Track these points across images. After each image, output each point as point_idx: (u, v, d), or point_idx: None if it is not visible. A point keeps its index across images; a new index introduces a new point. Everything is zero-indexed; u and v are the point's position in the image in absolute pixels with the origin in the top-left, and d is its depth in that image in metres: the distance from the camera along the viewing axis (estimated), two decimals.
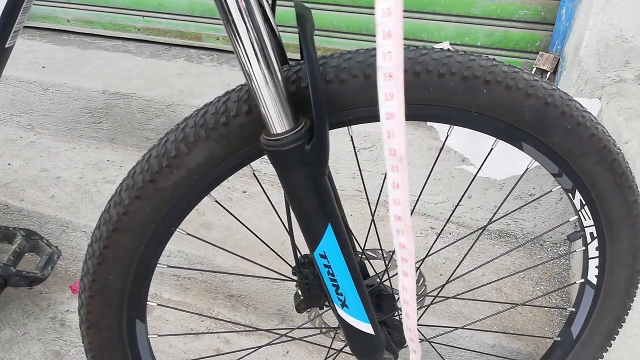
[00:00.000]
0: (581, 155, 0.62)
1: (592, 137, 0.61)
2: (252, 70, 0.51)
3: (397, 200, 0.48)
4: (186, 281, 1.38)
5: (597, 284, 0.76)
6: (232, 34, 0.50)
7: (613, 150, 0.63)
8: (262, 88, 0.52)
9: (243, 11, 0.48)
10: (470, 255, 1.32)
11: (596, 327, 0.79)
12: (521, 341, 1.11)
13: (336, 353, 0.95)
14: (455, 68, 0.56)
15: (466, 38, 1.49)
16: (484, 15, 1.43)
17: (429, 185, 1.39)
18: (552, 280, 1.25)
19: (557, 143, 0.62)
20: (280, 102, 0.52)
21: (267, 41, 0.50)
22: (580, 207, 0.70)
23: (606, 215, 0.68)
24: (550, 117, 0.59)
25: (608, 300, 0.76)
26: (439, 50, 0.58)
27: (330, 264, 0.61)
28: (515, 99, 0.58)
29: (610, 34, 1.13)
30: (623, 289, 0.74)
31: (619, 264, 0.72)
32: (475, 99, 0.58)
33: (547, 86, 0.59)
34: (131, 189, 0.62)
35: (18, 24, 0.59)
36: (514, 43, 1.45)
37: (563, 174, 0.66)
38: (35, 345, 1.26)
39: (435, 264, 1.29)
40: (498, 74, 0.57)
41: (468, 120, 0.60)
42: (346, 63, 0.57)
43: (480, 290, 1.21)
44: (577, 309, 0.81)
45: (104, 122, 1.72)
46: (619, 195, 0.66)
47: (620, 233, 0.69)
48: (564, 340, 0.84)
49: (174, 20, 1.87)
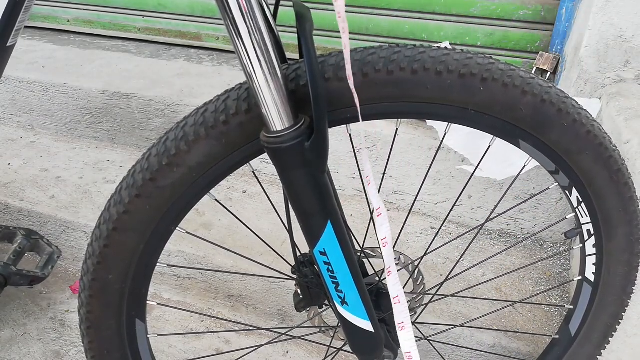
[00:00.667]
0: (578, 152, 0.63)
1: (589, 135, 0.62)
2: (253, 69, 0.51)
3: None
4: (186, 281, 1.38)
5: (594, 281, 0.77)
6: (233, 33, 0.50)
7: (609, 148, 0.64)
8: (262, 86, 0.52)
9: (244, 10, 0.49)
10: (471, 256, 1.32)
11: (594, 325, 0.79)
12: (521, 341, 1.11)
13: (336, 352, 0.95)
14: (452, 66, 0.56)
15: (466, 38, 1.49)
16: (484, 15, 1.43)
17: (429, 185, 1.39)
18: (552, 280, 1.25)
19: (553, 140, 0.62)
20: (280, 100, 0.53)
21: (267, 40, 0.51)
22: (577, 205, 0.70)
23: (603, 212, 0.68)
24: (547, 114, 0.60)
25: (605, 298, 0.76)
26: (436, 48, 0.58)
27: (330, 261, 0.62)
28: (512, 96, 0.58)
29: (610, 34, 1.13)
30: (620, 286, 0.74)
31: (616, 261, 0.73)
32: (473, 96, 0.58)
33: (544, 84, 0.60)
34: (131, 188, 0.63)
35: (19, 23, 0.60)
36: (514, 43, 1.45)
37: (560, 172, 0.66)
38: (35, 345, 1.26)
39: (435, 264, 1.29)
40: (495, 71, 0.57)
41: (465, 118, 0.60)
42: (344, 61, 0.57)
43: (480, 290, 1.22)
44: (575, 306, 0.81)
45: (104, 122, 1.72)
46: (615, 192, 0.66)
47: (617, 230, 0.70)
48: (562, 338, 0.85)
49: (174, 20, 1.87)
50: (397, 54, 0.57)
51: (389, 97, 0.59)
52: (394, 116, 0.61)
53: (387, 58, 0.57)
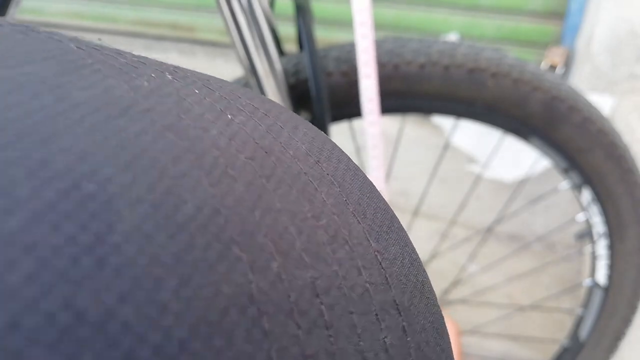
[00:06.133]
0: (588, 150, 0.61)
1: (600, 132, 0.60)
2: (250, 62, 0.50)
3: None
4: None
5: (605, 284, 0.74)
6: (230, 24, 0.48)
7: (620, 146, 0.62)
8: (261, 80, 0.50)
9: (242, 0, 0.47)
10: (480, 261, 1.29)
11: (604, 329, 0.77)
12: (532, 349, 1.09)
13: None
14: (460, 60, 0.54)
15: (474, 30, 1.46)
16: (492, 7, 1.40)
17: (436, 186, 1.37)
18: (564, 286, 1.23)
19: (564, 138, 0.60)
20: (280, 95, 0.51)
21: (266, 31, 0.49)
22: (588, 204, 0.68)
23: (614, 212, 0.66)
24: (558, 111, 0.58)
25: (616, 302, 0.74)
26: (444, 42, 0.56)
27: None
28: (522, 92, 0.56)
29: (622, 29, 1.10)
30: (631, 289, 0.72)
31: (627, 263, 0.71)
32: (481, 92, 0.56)
33: (554, 80, 0.57)
34: None
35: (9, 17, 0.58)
36: (524, 36, 1.42)
37: (570, 170, 0.65)
38: None
39: (442, 269, 1.26)
40: (504, 66, 0.55)
41: (473, 113, 0.58)
42: (347, 55, 0.55)
43: (489, 297, 1.19)
44: (585, 311, 0.79)
45: None
46: (626, 192, 0.64)
47: (628, 231, 0.68)
48: (572, 343, 0.83)
49: (166, 12, 1.81)
50: (403, 47, 0.55)
51: (395, 92, 0.57)
52: (399, 112, 0.59)
53: (393, 51, 0.55)
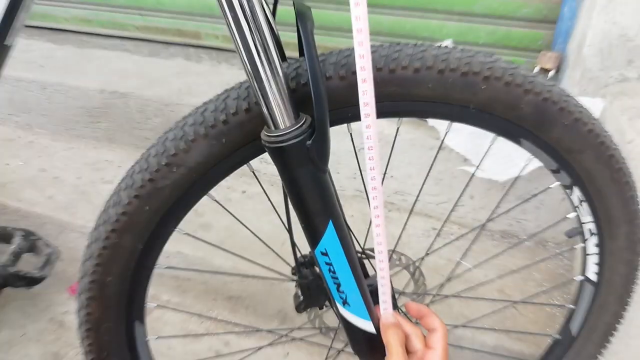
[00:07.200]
0: (579, 151, 0.62)
1: (590, 133, 0.61)
2: (253, 67, 0.51)
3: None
4: (185, 282, 1.37)
5: (596, 280, 0.76)
6: (234, 31, 0.49)
7: (610, 146, 0.63)
8: (263, 85, 0.51)
9: (245, 8, 0.48)
10: (473, 257, 1.31)
11: (595, 324, 0.79)
12: (524, 342, 1.10)
13: (337, 353, 0.94)
14: (454, 64, 0.56)
15: (468, 36, 1.48)
16: (486, 13, 1.42)
17: (431, 185, 1.38)
18: (555, 282, 1.25)
19: (555, 139, 0.62)
20: (281, 99, 0.52)
21: (268, 38, 0.50)
22: (579, 204, 0.69)
23: (604, 211, 0.68)
24: (549, 112, 0.59)
25: (607, 297, 0.76)
26: (437, 46, 0.58)
27: (331, 262, 0.61)
28: (514, 94, 0.58)
29: (614, 33, 1.12)
30: (621, 285, 0.74)
31: (618, 260, 0.72)
32: (475, 95, 0.57)
33: (545, 82, 0.59)
34: (130, 188, 0.62)
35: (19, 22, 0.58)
36: (517, 41, 1.44)
37: (561, 170, 0.66)
38: (34, 347, 1.25)
39: (437, 265, 1.28)
40: (497, 69, 0.57)
41: (467, 116, 0.60)
42: (345, 60, 0.57)
43: (482, 292, 1.21)
44: (576, 306, 0.81)
45: (102, 122, 1.71)
46: (616, 191, 0.66)
47: (618, 229, 0.69)
48: (563, 338, 0.84)
49: (172, 19, 1.86)
50: (398, 52, 0.57)
51: (391, 95, 0.58)
52: (395, 115, 0.61)
53: (389, 56, 0.56)
